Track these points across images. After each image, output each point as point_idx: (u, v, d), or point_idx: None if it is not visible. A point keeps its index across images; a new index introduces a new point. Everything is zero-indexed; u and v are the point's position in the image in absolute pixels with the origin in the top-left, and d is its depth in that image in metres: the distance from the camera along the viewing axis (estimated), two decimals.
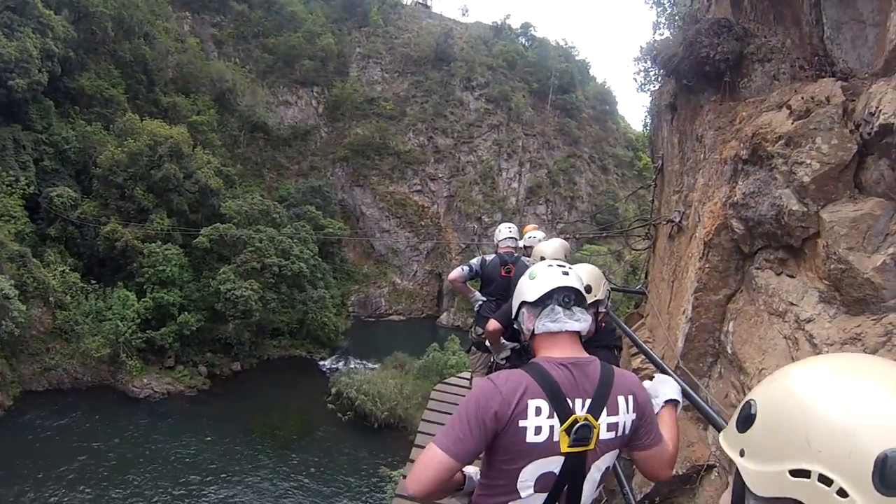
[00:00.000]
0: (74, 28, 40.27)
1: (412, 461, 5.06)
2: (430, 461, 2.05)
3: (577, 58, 78.81)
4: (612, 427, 2.16)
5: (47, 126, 37.99)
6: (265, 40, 60.80)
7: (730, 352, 4.19)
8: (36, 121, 37.20)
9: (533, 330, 2.30)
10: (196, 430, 30.29)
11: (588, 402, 2.12)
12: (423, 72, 65.69)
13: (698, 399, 3.26)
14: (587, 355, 2.25)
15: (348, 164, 60.47)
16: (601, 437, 2.13)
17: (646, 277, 8.13)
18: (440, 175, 61.94)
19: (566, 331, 2.25)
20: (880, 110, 2.87)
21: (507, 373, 2.19)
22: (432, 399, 8.01)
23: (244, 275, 37.81)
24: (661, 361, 4.30)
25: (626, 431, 2.20)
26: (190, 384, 35.33)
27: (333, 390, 33.66)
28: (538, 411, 2.05)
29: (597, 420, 2.11)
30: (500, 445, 2.08)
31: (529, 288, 2.34)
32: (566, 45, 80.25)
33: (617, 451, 2.24)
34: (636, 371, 5.57)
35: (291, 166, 59.23)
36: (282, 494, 25.21)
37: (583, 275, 2.94)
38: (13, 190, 32.85)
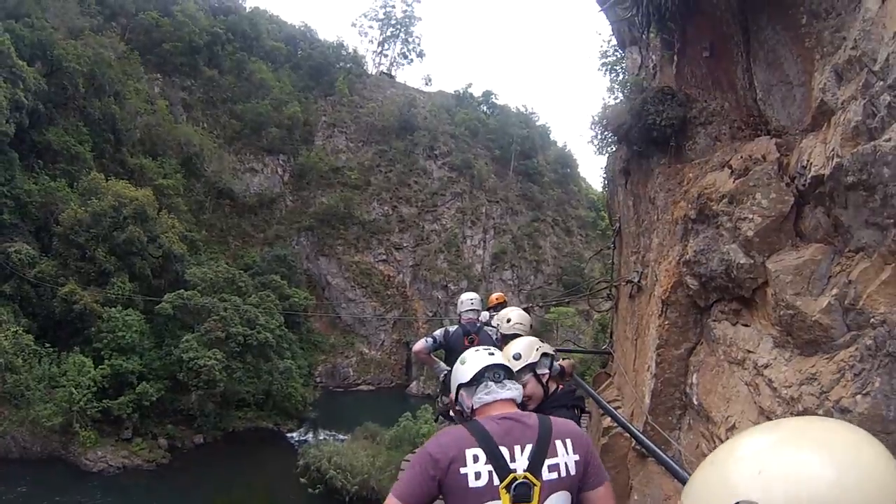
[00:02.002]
0: (46, 81, 40.01)
1: None
2: None
3: (537, 123, 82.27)
4: (553, 468, 2.29)
5: (10, 178, 36.87)
6: (234, 106, 61.44)
7: (696, 403, 4.35)
8: None
9: (472, 406, 2.56)
10: None
11: (529, 447, 2.29)
12: (388, 141, 67.28)
13: (663, 455, 3.66)
14: (524, 412, 2.48)
15: (313, 234, 60.48)
16: (545, 479, 2.25)
17: (611, 337, 8.52)
18: (405, 244, 62.48)
19: (500, 399, 2.49)
20: (811, 163, 3.16)
21: (449, 428, 2.61)
22: (401, 470, 7.77)
23: (208, 344, 37.02)
24: (623, 419, 4.59)
25: (571, 472, 2.32)
26: (149, 457, 33.61)
27: (302, 462, 32.39)
28: (475, 458, 2.24)
29: (539, 468, 2.26)
30: (447, 492, 2.25)
31: (463, 371, 2.62)
32: (527, 111, 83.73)
33: (568, 494, 2.32)
34: (606, 430, 5.85)
35: (257, 234, 58.70)
36: None
37: (514, 345, 3.58)
38: None
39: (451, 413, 5.00)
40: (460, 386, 2.60)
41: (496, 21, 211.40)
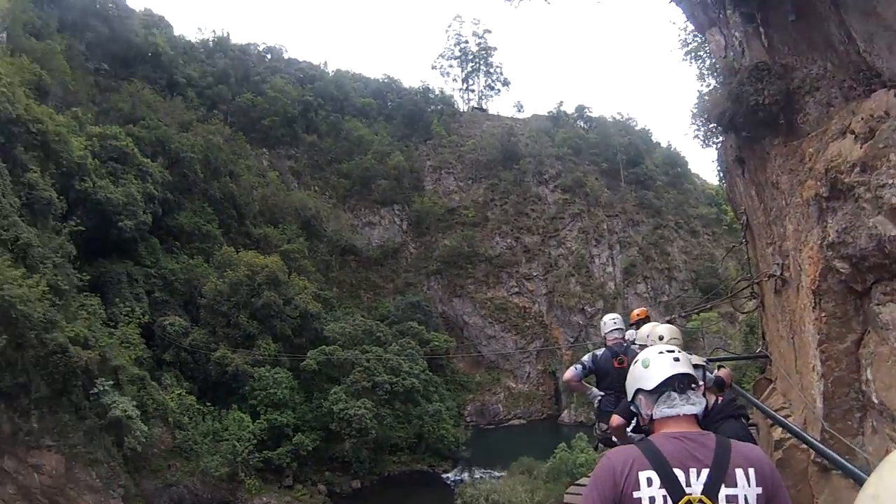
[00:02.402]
0: (169, 172, 46.11)
1: None
2: None
3: (637, 128, 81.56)
4: (731, 499, 2.22)
5: (155, 261, 42.51)
6: (339, 166, 66.41)
7: (876, 402, 3.94)
8: (145, 256, 41.86)
9: (651, 416, 2.53)
10: None
11: (705, 471, 2.25)
12: (495, 174, 69.12)
13: (850, 466, 3.38)
14: (702, 431, 2.46)
15: (442, 276, 62.89)
16: None
17: (763, 338, 8.09)
18: (534, 273, 63.25)
19: (682, 415, 2.46)
20: None
21: (621, 448, 2.56)
22: (565, 503, 7.91)
23: (355, 394, 39.22)
24: (796, 428, 4.31)
25: None
26: (310, 502, 36.14)
27: (459, 502, 33.31)
28: (649, 482, 2.24)
29: (716, 494, 2.22)
30: None
31: (645, 377, 2.57)
32: (623, 118, 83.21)
33: None
34: (778, 443, 5.48)
35: (386, 285, 61.97)
36: None
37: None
38: (130, 319, 36.00)
39: (614, 438, 5.10)
40: (639, 390, 2.57)
41: (571, 36, 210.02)
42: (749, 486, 2.24)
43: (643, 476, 2.23)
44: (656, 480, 2.22)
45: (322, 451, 39.02)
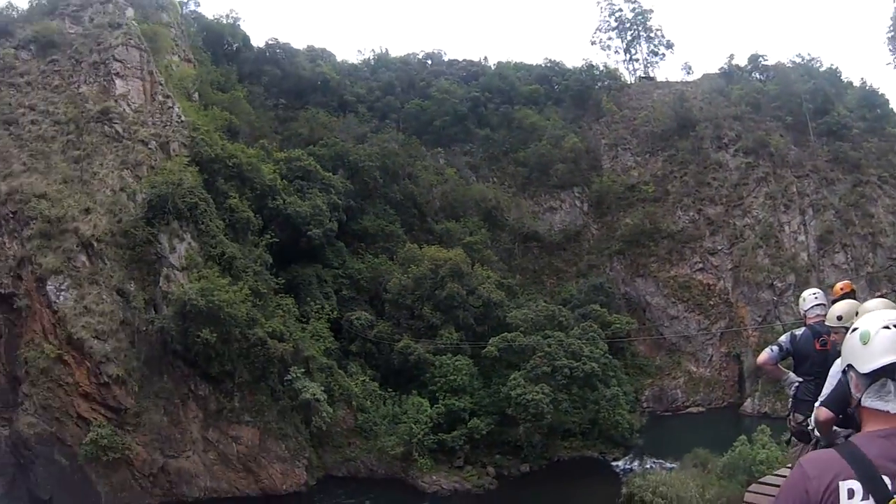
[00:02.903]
0: (350, 182, 51.92)
1: None
2: None
3: (822, 70, 70.00)
4: None
5: (342, 263, 48.63)
6: (515, 155, 67.89)
7: None
8: (332, 259, 48.12)
9: (859, 399, 2.30)
10: None
11: None
12: (672, 144, 65.44)
13: None
14: None
15: (625, 256, 61.91)
16: None
17: None
18: (719, 247, 59.27)
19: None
20: None
21: (818, 454, 2.30)
22: (746, 502, 7.41)
23: (534, 379, 39.87)
24: None
25: None
26: (477, 483, 38.02)
27: (625, 492, 32.33)
28: (850, 493, 2.03)
29: None
30: None
31: (859, 354, 2.29)
32: (805, 60, 72.33)
33: None
34: None
35: (569, 268, 62.62)
36: None
37: None
38: (320, 315, 42.35)
39: (816, 433, 4.69)
40: (851, 367, 2.33)
41: None
42: None
43: (844, 487, 2.04)
44: (859, 491, 2.02)
45: (495, 435, 40.42)
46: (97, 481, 29.80)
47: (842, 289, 7.30)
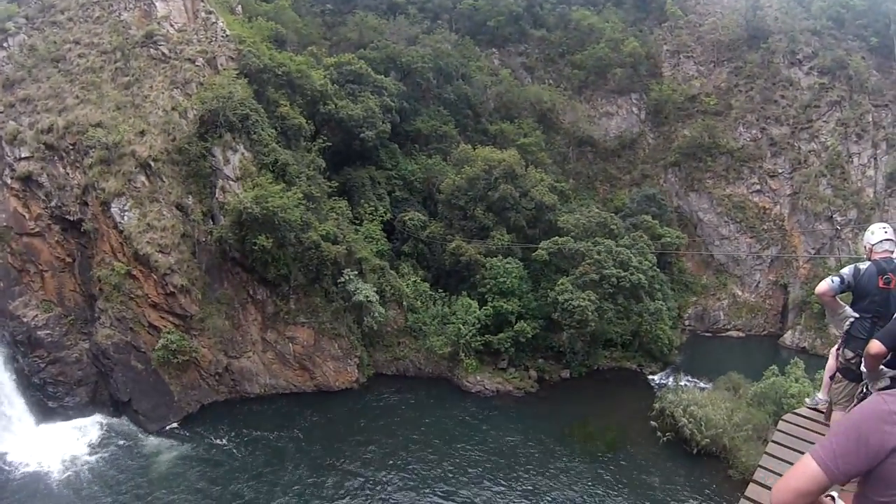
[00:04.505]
0: (403, 83, 51.24)
1: (748, 499, 5.26)
2: (802, 474, 2.16)
3: None
4: None
5: (395, 164, 48.66)
6: (572, 57, 65.45)
7: None
8: (385, 161, 48.16)
9: None
10: (518, 426, 34.68)
11: None
12: (740, 56, 61.94)
13: None
14: None
15: (680, 169, 60.50)
16: None
17: None
18: (780, 171, 57.04)
19: None
20: None
21: (891, 397, 2.19)
22: (779, 431, 7.20)
23: (582, 286, 40.20)
24: None
25: None
26: (519, 385, 39.63)
27: (657, 406, 34.15)
28: None
29: None
30: (880, 472, 2.07)
31: None
32: None
33: None
34: None
35: (623, 176, 61.84)
36: (582, 502, 27.31)
37: None
38: (373, 217, 43.13)
39: (862, 368, 4.68)
40: None
41: None
42: None
43: None
44: None
45: (539, 340, 41.43)
46: (170, 382, 32.63)
47: None
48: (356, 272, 37.81)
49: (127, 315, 32.80)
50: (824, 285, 5.81)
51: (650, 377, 43.28)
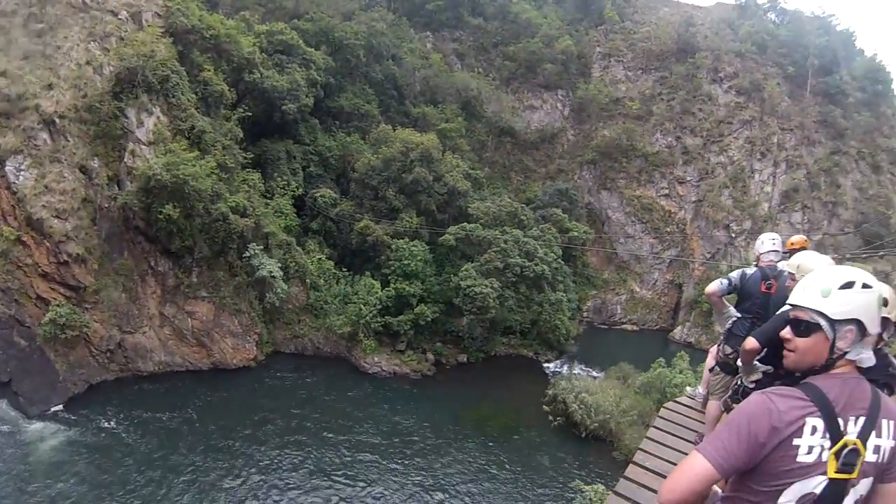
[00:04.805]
0: (333, 59, 50.41)
1: (627, 478, 5.64)
2: (690, 470, 2.26)
3: (837, 28, 69.31)
4: (876, 450, 2.29)
5: (313, 140, 48.06)
6: (505, 48, 66.29)
7: None
8: (304, 136, 47.49)
9: (845, 353, 2.40)
10: (414, 408, 35.27)
11: (861, 419, 2.29)
12: (667, 66, 64.94)
13: None
14: (861, 377, 2.43)
15: (595, 167, 62.74)
16: (865, 460, 2.26)
17: None
18: (688, 178, 60.63)
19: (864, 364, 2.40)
20: None
21: (783, 390, 2.36)
22: (660, 418, 7.64)
23: (486, 273, 40.64)
24: None
25: (885, 458, 2.32)
26: (416, 368, 40.06)
27: (550, 393, 35.28)
28: (813, 430, 2.21)
29: (865, 442, 2.26)
30: (763, 465, 2.23)
31: (874, 314, 2.42)
32: (823, 14, 72.62)
33: (872, 481, 2.34)
34: None
35: (538, 169, 63.40)
36: (474, 481, 28.29)
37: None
38: (285, 192, 42.62)
39: (738, 363, 4.90)
40: (857, 323, 2.38)
41: None
42: (889, 437, 2.32)
43: (810, 423, 2.22)
44: (820, 428, 2.22)
45: (439, 324, 41.74)
46: (55, 360, 30.50)
47: (796, 243, 7.63)
48: (262, 247, 37.35)
49: (12, 286, 30.44)
50: (713, 286, 6.35)
51: (545, 365, 44.59)
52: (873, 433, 2.29)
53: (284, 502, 24.82)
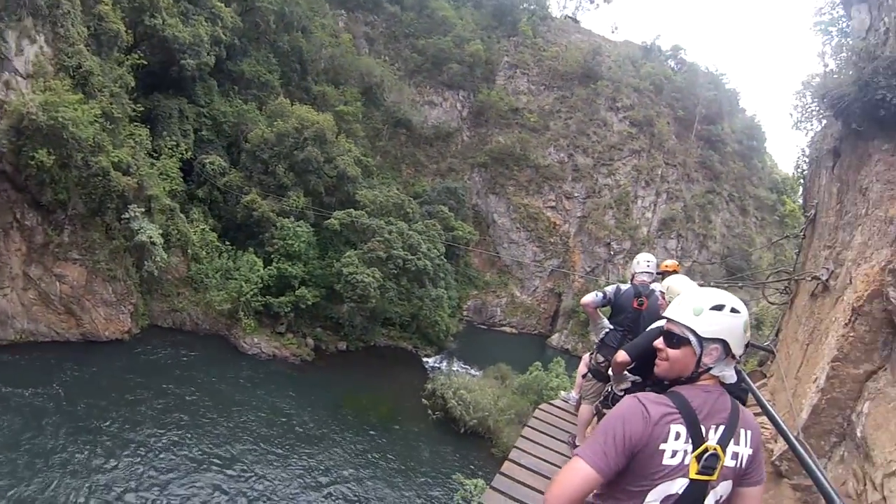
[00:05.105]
0: (241, 19, 47.31)
1: (503, 474, 5.93)
2: (574, 475, 2.35)
3: (726, 87, 77.37)
4: (734, 456, 2.47)
5: (209, 102, 44.94)
6: (415, 41, 66.22)
7: (859, 435, 3.94)
8: (200, 96, 44.26)
9: (709, 368, 2.57)
10: (292, 393, 33.92)
11: (721, 428, 2.46)
12: (570, 87, 67.89)
13: (826, 483, 2.82)
14: (723, 389, 2.61)
15: (486, 171, 63.95)
16: (725, 464, 2.44)
17: (776, 335, 7.96)
18: (576, 194, 63.63)
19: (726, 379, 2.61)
20: None
21: (652, 396, 2.51)
22: (535, 418, 7.95)
23: (368, 262, 40.12)
24: (788, 430, 3.91)
25: (743, 464, 2.51)
26: (296, 352, 38.81)
27: (429, 387, 35.54)
28: (677, 436, 2.37)
29: (725, 448, 2.44)
30: (633, 466, 2.37)
31: (739, 337, 2.59)
32: (716, 72, 79.15)
33: (731, 484, 2.51)
34: None
35: (430, 165, 63.67)
36: (355, 469, 27.70)
37: None
38: (173, 153, 39.19)
39: (610, 372, 5.19)
40: (723, 343, 2.56)
41: None
42: (747, 446, 2.51)
43: (674, 429, 2.37)
44: (683, 434, 2.37)
45: (320, 309, 40.90)
46: None
47: (669, 266, 8.34)
48: (143, 210, 33.84)
49: None
50: (589, 297, 6.72)
51: (425, 359, 44.92)
52: (732, 441, 2.46)
53: (163, 490, 22.73)
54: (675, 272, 7.84)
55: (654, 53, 78.24)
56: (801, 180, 9.89)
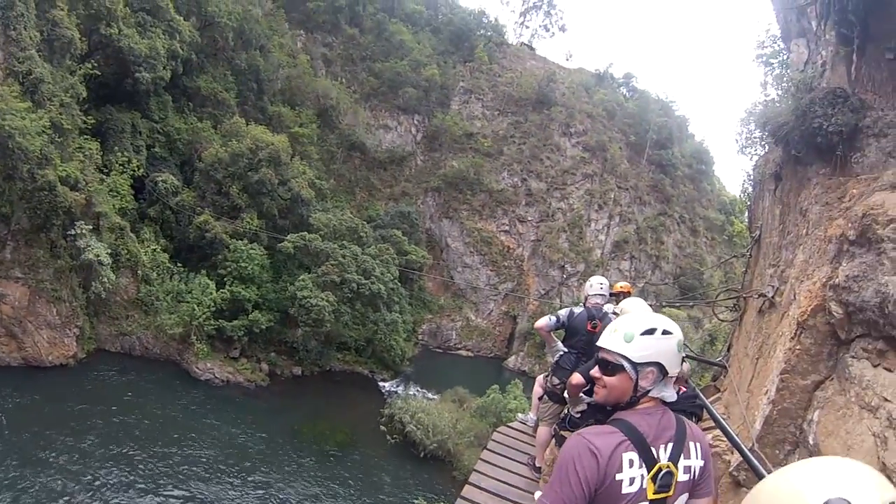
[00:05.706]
0: (199, 34, 45.90)
1: (464, 498, 5.94)
2: None
3: (676, 113, 79.61)
4: (687, 470, 2.52)
5: (163, 117, 43.18)
6: (372, 64, 65.73)
7: (811, 442, 4.07)
8: (154, 111, 42.48)
9: (648, 391, 2.59)
10: (246, 420, 32.48)
11: (670, 445, 2.49)
12: (524, 113, 68.57)
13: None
14: (666, 408, 2.62)
15: (440, 195, 63.58)
16: (679, 479, 2.48)
17: (728, 350, 8.15)
18: (529, 218, 63.83)
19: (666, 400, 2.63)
20: None
21: (597, 429, 2.51)
22: (493, 441, 8.00)
23: (322, 286, 39.43)
24: (739, 442, 4.12)
25: (696, 476, 2.56)
26: (250, 377, 37.52)
27: (387, 412, 34.73)
28: (631, 463, 2.37)
29: (677, 464, 2.47)
30: (597, 500, 2.34)
31: (673, 359, 2.62)
32: (666, 99, 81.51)
33: (688, 496, 2.55)
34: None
35: (384, 189, 62.90)
36: (315, 499, 26.50)
37: None
38: (124, 169, 37.35)
39: (565, 395, 5.23)
40: (658, 366, 2.58)
41: (642, 4, 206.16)
42: (697, 458, 2.57)
43: (626, 458, 2.37)
44: (636, 460, 2.37)
45: (274, 333, 39.94)
46: None
47: (622, 288, 8.54)
48: (91, 227, 32.05)
49: None
50: (542, 321, 6.69)
51: (381, 384, 44.03)
52: (682, 455, 2.49)
53: None
54: (628, 294, 8.15)
55: (606, 81, 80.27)
56: (747, 202, 10.30)
